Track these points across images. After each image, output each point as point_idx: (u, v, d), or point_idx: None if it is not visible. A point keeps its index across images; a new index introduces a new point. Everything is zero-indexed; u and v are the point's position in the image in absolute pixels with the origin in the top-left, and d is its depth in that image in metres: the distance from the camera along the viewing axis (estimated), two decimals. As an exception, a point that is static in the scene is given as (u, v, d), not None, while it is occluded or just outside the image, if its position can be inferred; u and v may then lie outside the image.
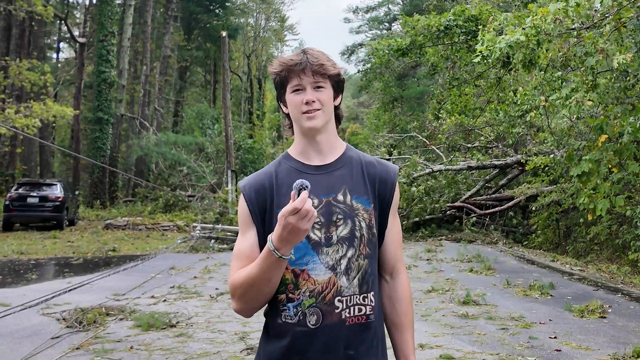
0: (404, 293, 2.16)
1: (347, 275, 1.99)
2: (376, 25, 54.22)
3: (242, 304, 2.01)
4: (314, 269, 1.99)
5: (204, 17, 46.64)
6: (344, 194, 2.05)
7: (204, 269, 12.68)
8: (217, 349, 6.41)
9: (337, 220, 2.01)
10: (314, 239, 2.00)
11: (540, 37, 8.08)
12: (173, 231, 22.33)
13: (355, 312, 1.99)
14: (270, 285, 1.94)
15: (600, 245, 15.33)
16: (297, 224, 1.77)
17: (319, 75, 2.02)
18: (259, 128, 52.19)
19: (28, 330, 7.13)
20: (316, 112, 2.02)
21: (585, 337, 6.97)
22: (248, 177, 2.16)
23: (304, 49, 2.08)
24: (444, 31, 14.10)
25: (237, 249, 2.09)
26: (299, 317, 1.98)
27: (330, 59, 2.08)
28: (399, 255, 2.18)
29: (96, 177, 32.99)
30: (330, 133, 2.11)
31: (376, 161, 2.17)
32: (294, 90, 2.04)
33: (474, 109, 15.09)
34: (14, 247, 16.34)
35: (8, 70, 25.23)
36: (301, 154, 2.11)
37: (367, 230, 2.04)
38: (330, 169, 2.08)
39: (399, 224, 2.21)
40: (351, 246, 2.01)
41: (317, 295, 1.97)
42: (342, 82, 2.13)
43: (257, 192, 2.07)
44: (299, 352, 1.98)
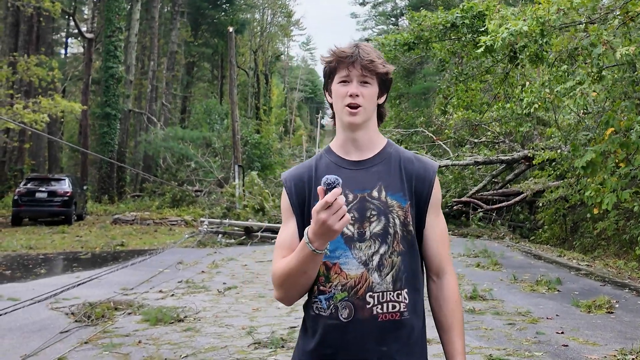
0: (450, 293, 2.13)
1: (380, 272, 2.00)
2: (383, 20, 54.11)
3: (280, 292, 2.05)
4: (346, 263, 2.00)
5: (211, 12, 46.65)
6: (379, 190, 2.05)
7: (211, 264, 12.71)
8: (225, 343, 6.44)
9: (370, 216, 2.02)
10: (346, 233, 2.01)
11: (545, 27, 8.06)
12: (181, 226, 22.38)
13: (389, 309, 2.00)
14: (306, 277, 1.97)
15: (607, 240, 15.29)
16: (329, 220, 1.78)
17: (367, 71, 2.03)
18: (265, 123, 52.18)
19: (37, 325, 7.17)
20: (358, 108, 2.03)
21: (592, 332, 6.96)
22: (290, 170, 2.21)
23: (357, 43, 2.10)
24: (450, 27, 14.06)
25: (278, 239, 2.13)
26: (331, 310, 2.01)
27: (382, 57, 2.09)
28: (444, 254, 2.15)
29: (104, 172, 33.12)
30: (370, 129, 2.12)
31: (415, 158, 2.16)
32: (340, 81, 2.06)
33: (480, 104, 15.06)
34: (23, 242, 16.44)
35: (16, 66, 25.30)
36: (340, 148, 2.13)
37: (401, 227, 2.04)
38: (367, 165, 2.09)
39: (443, 222, 2.18)
40: (384, 243, 2.02)
41: (350, 289, 1.99)
42: (389, 82, 2.14)
43: (296, 185, 2.12)
44: (331, 345, 2.01)
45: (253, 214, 19.33)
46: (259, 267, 12.49)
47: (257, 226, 17.85)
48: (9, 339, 6.54)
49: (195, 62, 50.22)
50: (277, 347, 6.22)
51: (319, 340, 2.03)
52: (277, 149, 42.44)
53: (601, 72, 8.34)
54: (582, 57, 8.81)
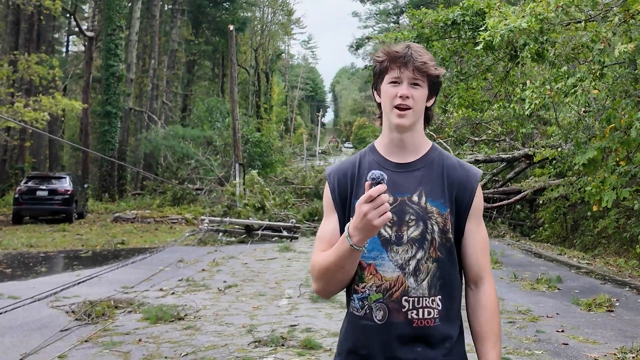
0: (487, 303, 2.10)
1: (416, 277, 1.99)
2: (384, 19, 54.13)
3: (318, 285, 2.06)
4: (382, 265, 2.00)
5: (211, 10, 46.65)
6: (419, 195, 2.03)
7: (212, 262, 12.72)
8: (225, 341, 6.44)
9: (409, 221, 2.01)
10: (384, 235, 2.00)
11: (544, 25, 8.06)
12: (181, 224, 22.40)
13: (425, 315, 1.99)
14: (343, 272, 1.96)
15: (607, 238, 15.30)
16: (370, 214, 1.77)
17: (418, 73, 2.01)
18: (266, 122, 52.22)
19: (37, 323, 7.18)
20: (407, 110, 2.01)
21: (592, 330, 6.97)
22: (334, 165, 2.21)
23: (408, 44, 2.07)
24: (451, 25, 14.04)
25: (319, 232, 2.14)
26: (365, 311, 2.01)
27: (433, 60, 2.06)
28: (484, 263, 2.12)
29: (105, 170, 33.13)
30: (416, 132, 2.10)
31: (459, 164, 2.13)
32: (391, 82, 2.04)
33: (481, 102, 15.04)
34: (24, 240, 16.44)
35: (17, 65, 25.30)
36: (385, 149, 2.12)
37: (439, 234, 2.01)
38: (410, 169, 2.08)
39: (484, 231, 2.15)
40: (421, 248, 2.00)
41: (385, 291, 1.98)
42: (439, 85, 2.12)
43: (339, 181, 2.12)
44: (365, 345, 2.01)
45: (253, 212, 19.34)
46: (259, 266, 12.51)
47: (257, 224, 17.87)
48: (10, 337, 6.55)
49: (196, 61, 50.23)
50: (277, 346, 6.23)
51: (354, 339, 2.04)
52: (278, 147, 42.42)
53: (603, 68, 8.34)
54: (582, 55, 8.81)
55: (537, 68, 14.19)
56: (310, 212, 21.16)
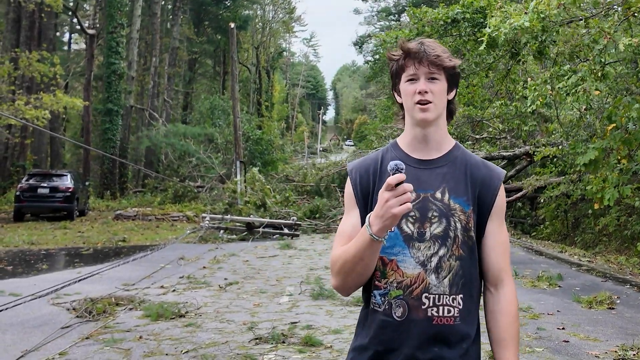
0: (507, 306, 2.06)
1: (437, 274, 1.97)
2: (385, 17, 54.10)
3: (337, 280, 2.03)
4: (403, 261, 1.98)
5: (213, 8, 46.63)
6: (442, 192, 2.02)
7: (213, 259, 12.73)
8: (226, 338, 6.45)
9: (432, 217, 1.99)
10: (406, 231, 1.99)
11: (545, 23, 8.05)
12: (182, 222, 22.41)
13: (445, 313, 1.96)
14: (362, 265, 1.93)
15: (608, 236, 15.30)
16: (390, 201, 1.76)
17: (434, 67, 2.00)
18: (267, 119, 52.21)
19: (38, 320, 7.19)
20: (429, 104, 2.00)
21: (593, 328, 6.97)
22: (356, 161, 2.19)
23: (421, 40, 2.07)
24: (451, 23, 14.03)
25: (340, 228, 2.12)
26: (385, 307, 1.99)
27: (447, 52, 2.05)
28: (504, 265, 2.08)
29: (106, 168, 33.15)
30: (440, 127, 2.09)
31: (482, 163, 2.11)
32: (408, 80, 2.03)
33: (482, 100, 15.04)
34: (25, 238, 16.46)
35: (18, 62, 25.31)
36: (408, 145, 2.11)
37: (462, 231, 2.00)
38: (433, 166, 2.06)
39: (505, 232, 2.12)
40: (443, 245, 1.98)
41: (405, 288, 1.97)
42: (457, 76, 2.10)
43: (361, 177, 2.11)
44: (383, 342, 1.99)
45: (254, 209, 19.35)
46: (260, 263, 12.51)
47: (258, 222, 17.87)
48: (11, 334, 6.56)
49: (197, 58, 50.23)
50: (278, 343, 6.23)
51: (372, 335, 2.01)
52: (279, 145, 42.43)
53: (604, 69, 8.33)
54: (583, 54, 8.80)
55: (538, 66, 14.18)
56: (311, 209, 21.15)
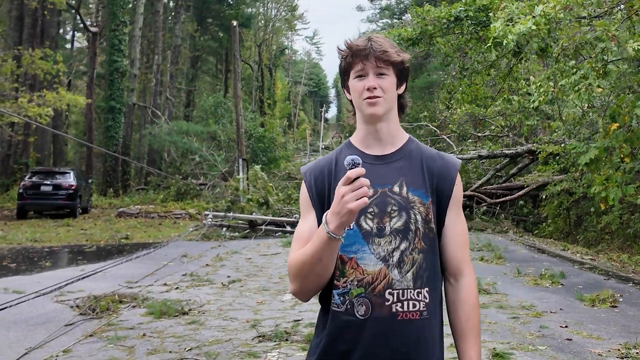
0: (467, 297, 2.06)
1: (400, 268, 1.95)
2: (388, 15, 54.04)
3: (296, 284, 1.99)
4: (363, 258, 1.95)
5: (215, 6, 46.60)
6: (400, 185, 2.01)
7: (215, 257, 12.74)
8: (229, 336, 6.46)
9: (391, 212, 1.97)
10: (365, 228, 1.97)
11: (551, 26, 8.04)
12: (185, 219, 22.43)
13: (410, 308, 1.94)
14: (321, 265, 1.89)
15: (611, 234, 15.29)
16: (347, 196, 1.73)
17: (382, 62, 1.99)
18: (270, 117, 52.22)
19: (42, 318, 7.21)
20: (377, 99, 1.99)
21: (596, 326, 6.97)
22: (310, 163, 2.16)
23: (369, 36, 2.05)
24: (454, 22, 14.02)
25: (296, 231, 2.08)
26: (346, 306, 1.95)
27: (395, 47, 2.04)
28: (463, 256, 2.08)
29: (109, 165, 33.22)
30: (391, 122, 2.07)
31: (437, 155, 2.11)
32: (357, 76, 2.02)
33: (484, 98, 15.03)
34: (28, 235, 16.50)
35: (21, 60, 25.34)
36: (361, 142, 2.09)
37: (422, 224, 1.99)
38: (389, 160, 2.05)
39: (463, 222, 2.12)
40: (405, 239, 1.96)
41: (367, 285, 1.94)
42: (406, 71, 2.09)
43: (316, 178, 2.08)
44: (347, 341, 1.95)
45: (257, 207, 19.35)
46: (263, 261, 12.52)
47: (261, 219, 17.89)
48: (15, 331, 6.58)
49: (199, 56, 50.22)
50: (281, 340, 6.24)
51: (334, 336, 1.98)
52: (281, 142, 42.43)
53: (606, 67, 8.32)
54: (586, 51, 8.79)
55: (540, 64, 14.17)
56: (314, 207, 21.14)
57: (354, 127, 2.16)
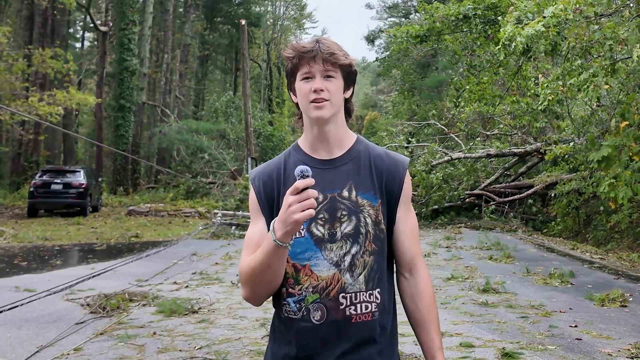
0: (424, 290, 2.07)
1: (352, 272, 1.95)
2: (396, 12, 53.97)
3: (246, 290, 2.00)
4: (316, 264, 1.95)
5: (225, 5, 46.64)
6: (349, 189, 2.00)
7: (225, 255, 12.79)
8: (239, 335, 6.49)
9: (341, 217, 1.97)
10: (317, 234, 1.96)
11: (561, 27, 8.02)
12: (194, 218, 22.49)
13: (363, 310, 1.95)
14: (270, 272, 1.89)
15: (620, 233, 15.22)
16: (293, 206, 1.73)
17: (329, 64, 1.95)
18: (278, 115, 52.26)
19: (53, 316, 7.26)
20: (324, 102, 1.95)
21: (606, 326, 6.95)
22: (258, 168, 2.14)
23: (317, 39, 2.02)
24: (462, 19, 14.00)
25: (246, 237, 2.08)
26: (302, 313, 1.96)
27: (343, 50, 2.00)
28: (416, 250, 2.09)
29: (119, 164, 33.36)
30: (338, 125, 2.04)
31: (385, 154, 2.09)
32: (303, 78, 1.98)
33: (492, 97, 14.99)
34: (39, 233, 16.59)
35: (31, 59, 25.47)
36: (309, 146, 2.06)
37: (373, 226, 1.98)
38: (337, 164, 2.03)
39: (413, 217, 2.11)
40: (355, 242, 1.96)
41: (321, 291, 1.94)
42: (353, 74, 2.05)
43: (264, 183, 2.06)
44: (304, 347, 1.96)
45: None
46: (272, 259, 12.52)
47: (270, 218, 17.89)
48: (26, 329, 6.63)
49: (209, 55, 50.28)
50: (291, 339, 6.25)
51: (291, 343, 1.99)
52: (290, 141, 42.41)
53: (615, 65, 8.30)
54: (595, 50, 8.76)
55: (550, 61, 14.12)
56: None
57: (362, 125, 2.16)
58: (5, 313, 7.35)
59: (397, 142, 23.16)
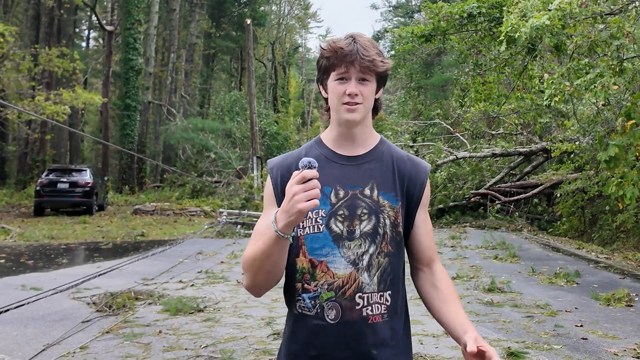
0: (443, 273, 2.09)
1: (369, 272, 1.95)
2: (401, 13, 53.97)
3: (247, 279, 1.98)
4: (333, 262, 1.94)
5: (230, 5, 46.66)
6: (371, 188, 1.99)
7: (230, 254, 12.80)
8: (244, 333, 6.50)
9: (361, 215, 1.96)
10: (335, 231, 1.95)
11: (566, 22, 8.00)
12: (200, 216, 22.54)
13: (378, 310, 1.95)
14: (269, 262, 1.87)
15: (626, 233, 15.18)
16: (298, 195, 1.70)
17: (367, 70, 1.95)
18: (284, 115, 52.26)
19: (59, 314, 7.29)
20: (357, 105, 1.95)
21: (611, 325, 6.94)
22: (277, 158, 2.13)
23: (353, 37, 1.98)
24: (467, 18, 13.97)
25: (256, 227, 2.05)
26: (316, 310, 1.94)
27: (381, 53, 1.99)
28: (434, 247, 2.13)
29: (125, 163, 33.44)
30: (365, 125, 2.05)
31: (407, 157, 2.09)
32: (338, 79, 1.97)
33: (498, 96, 14.96)
34: (45, 232, 16.64)
35: (38, 58, 25.53)
36: (333, 142, 2.05)
37: (391, 228, 1.99)
38: (360, 162, 2.03)
39: (429, 219, 2.15)
40: (373, 242, 1.96)
41: (337, 289, 1.93)
42: (386, 77, 2.06)
43: (282, 176, 2.03)
44: (317, 346, 1.95)
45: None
46: (277, 258, 12.53)
47: (275, 217, 17.90)
48: (32, 327, 6.66)
49: (214, 54, 50.33)
50: (296, 338, 6.25)
51: (304, 341, 1.97)
52: (295, 140, 42.48)
53: (622, 64, 8.27)
54: (601, 49, 8.74)
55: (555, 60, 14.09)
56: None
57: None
58: (12, 311, 7.38)
59: (403, 142, 23.13)
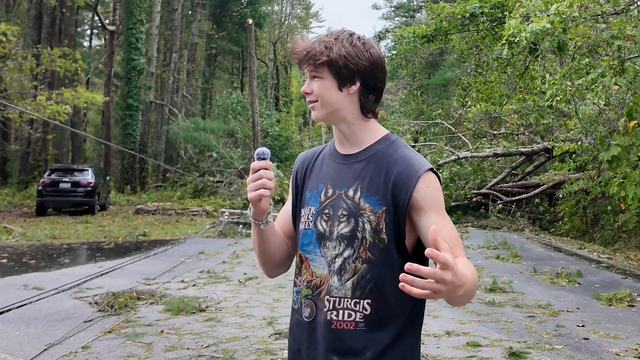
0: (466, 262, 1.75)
1: (340, 276, 1.87)
2: (403, 13, 53.98)
3: (258, 259, 2.07)
4: (314, 260, 1.93)
5: (231, 5, 46.65)
6: (354, 190, 1.90)
7: (232, 254, 12.81)
8: (246, 333, 6.51)
9: (340, 216, 1.89)
10: (320, 229, 1.93)
11: (566, 25, 8.00)
12: (202, 216, 22.54)
13: (345, 317, 1.85)
14: (256, 246, 2.00)
15: (628, 233, 15.17)
16: (249, 185, 1.85)
17: (312, 65, 1.88)
18: (285, 115, 52.26)
19: (61, 314, 7.30)
20: (313, 103, 1.92)
21: (613, 325, 6.94)
22: (306, 151, 2.17)
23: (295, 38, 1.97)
24: (469, 18, 13.97)
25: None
26: (298, 305, 1.97)
27: (329, 45, 1.86)
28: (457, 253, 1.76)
29: (127, 162, 33.46)
30: (351, 123, 1.93)
31: (403, 158, 1.89)
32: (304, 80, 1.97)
33: (500, 96, 14.96)
34: (47, 232, 16.66)
35: (40, 58, 25.55)
36: (336, 141, 2.02)
37: (371, 233, 1.85)
38: (351, 161, 1.95)
39: (448, 223, 1.87)
40: (350, 246, 1.87)
41: (314, 288, 1.91)
42: (346, 68, 1.86)
43: (299, 168, 2.10)
44: (297, 340, 1.97)
45: (273, 205, 19.26)
46: (279, 258, 12.54)
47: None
48: (34, 327, 6.67)
49: (216, 54, 50.34)
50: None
51: (292, 333, 2.01)
52: (297, 140, 42.48)
53: (623, 64, 8.27)
54: (602, 49, 8.74)
55: (557, 61, 14.08)
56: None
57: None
58: (14, 311, 7.39)
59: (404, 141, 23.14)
